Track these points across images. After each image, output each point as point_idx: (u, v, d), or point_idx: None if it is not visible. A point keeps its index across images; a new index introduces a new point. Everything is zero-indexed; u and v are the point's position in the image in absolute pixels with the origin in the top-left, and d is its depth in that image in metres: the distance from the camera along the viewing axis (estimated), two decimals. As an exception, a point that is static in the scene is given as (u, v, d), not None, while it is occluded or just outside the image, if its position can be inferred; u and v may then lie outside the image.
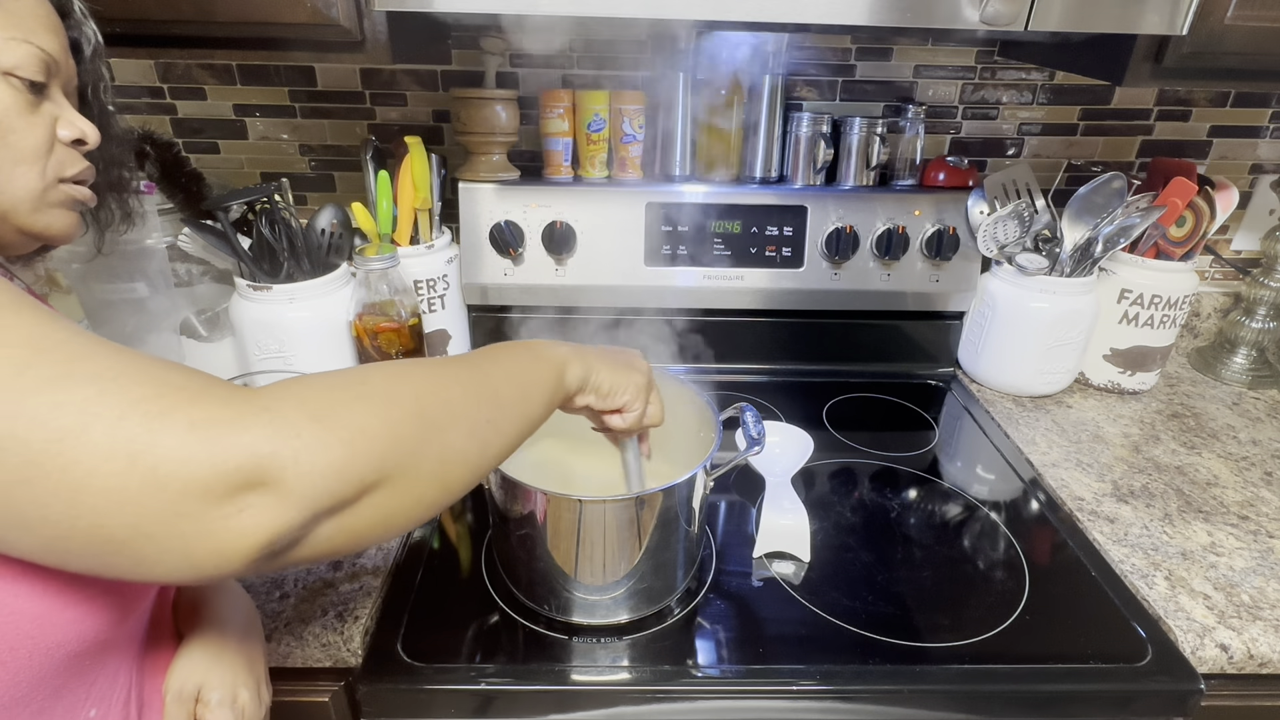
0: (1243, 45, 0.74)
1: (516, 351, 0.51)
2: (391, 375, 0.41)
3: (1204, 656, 0.65)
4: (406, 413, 0.39)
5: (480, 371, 0.46)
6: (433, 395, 0.41)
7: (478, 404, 0.44)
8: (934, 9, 0.69)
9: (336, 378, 0.39)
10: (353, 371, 0.41)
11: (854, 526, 0.82)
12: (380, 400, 0.39)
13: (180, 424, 0.32)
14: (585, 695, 0.63)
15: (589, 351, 0.55)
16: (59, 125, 0.48)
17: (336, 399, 0.37)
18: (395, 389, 0.40)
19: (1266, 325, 1.13)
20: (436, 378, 0.43)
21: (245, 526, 0.33)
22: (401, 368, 0.43)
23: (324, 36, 0.73)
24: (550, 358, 0.52)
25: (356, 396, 0.38)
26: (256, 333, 0.91)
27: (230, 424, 0.33)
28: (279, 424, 0.34)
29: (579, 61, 1.09)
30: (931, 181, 1.09)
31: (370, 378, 0.40)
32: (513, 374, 0.48)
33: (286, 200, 0.93)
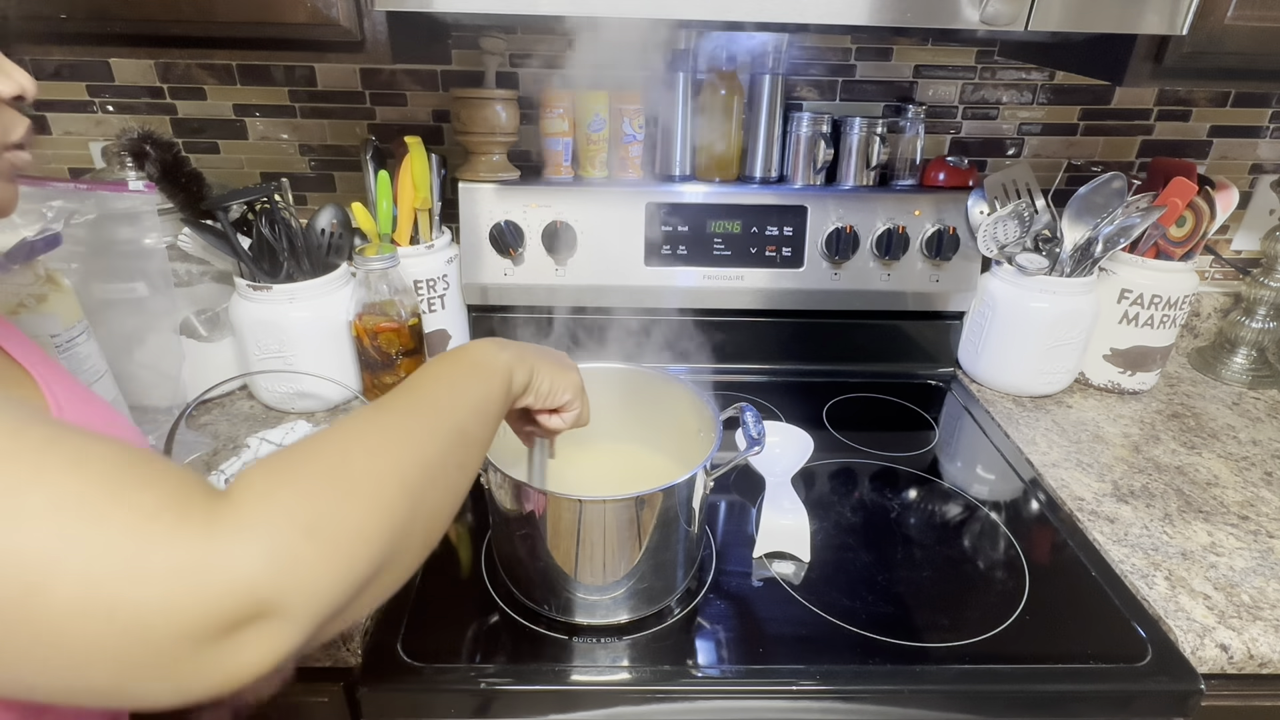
0: (1243, 45, 0.74)
1: (465, 370, 0.49)
2: (372, 451, 0.39)
3: (1204, 656, 0.65)
4: (394, 495, 0.38)
5: (445, 412, 0.45)
6: (413, 462, 0.40)
7: (450, 451, 0.43)
8: (934, 9, 0.69)
9: (319, 467, 0.36)
10: (332, 452, 0.38)
11: (854, 526, 0.82)
12: (369, 490, 0.37)
13: (158, 569, 0.29)
14: (585, 695, 0.63)
15: (527, 350, 0.55)
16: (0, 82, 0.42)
17: (327, 502, 0.35)
18: (379, 468, 0.38)
19: (1266, 325, 1.13)
20: (412, 437, 0.41)
21: (248, 658, 0.31)
22: (378, 435, 0.40)
23: (324, 36, 0.73)
24: (496, 367, 0.51)
25: (346, 494, 0.36)
26: (256, 332, 0.92)
27: (220, 558, 0.30)
28: (274, 548, 0.31)
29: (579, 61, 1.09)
30: (931, 181, 1.09)
31: (353, 460, 0.38)
32: (474, 403, 0.47)
33: (286, 200, 0.93)
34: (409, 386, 0.46)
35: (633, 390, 0.78)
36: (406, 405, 0.44)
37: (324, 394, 0.95)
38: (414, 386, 0.46)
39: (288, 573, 0.31)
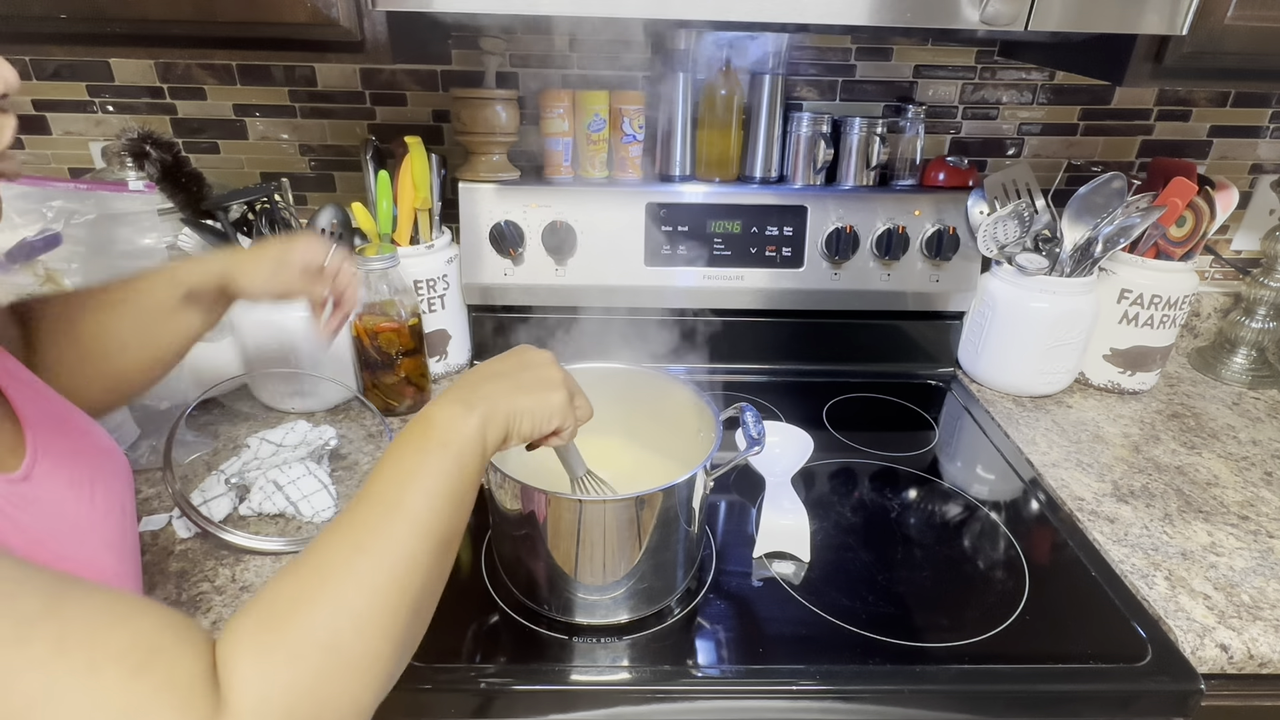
0: (1243, 45, 0.74)
1: (435, 455, 0.45)
2: (360, 618, 0.38)
3: (1204, 656, 0.65)
4: (387, 655, 0.39)
5: (424, 526, 0.43)
6: (400, 607, 0.40)
7: (435, 564, 0.43)
8: (934, 9, 0.69)
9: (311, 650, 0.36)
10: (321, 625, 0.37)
11: (854, 526, 0.82)
12: (360, 658, 0.38)
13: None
14: (585, 695, 0.63)
15: (499, 393, 0.50)
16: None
17: (323, 690, 0.36)
18: (370, 639, 0.38)
19: (1266, 325, 1.13)
20: (397, 580, 0.40)
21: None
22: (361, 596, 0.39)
23: (324, 36, 0.73)
24: (466, 438, 0.46)
25: (339, 670, 0.37)
26: (257, 333, 0.92)
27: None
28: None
29: (579, 61, 1.09)
30: (931, 181, 1.09)
31: (342, 636, 0.37)
32: (449, 494, 0.45)
33: (286, 200, 0.93)
34: (380, 492, 0.43)
35: (633, 390, 0.78)
36: (384, 533, 0.42)
37: (324, 394, 0.95)
38: (385, 492, 0.43)
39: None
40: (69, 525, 0.45)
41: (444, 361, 1.07)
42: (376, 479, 0.44)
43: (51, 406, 0.51)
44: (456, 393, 0.49)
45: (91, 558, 0.46)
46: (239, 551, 0.73)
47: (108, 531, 0.49)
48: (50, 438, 0.48)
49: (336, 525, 0.42)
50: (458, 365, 1.09)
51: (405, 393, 0.96)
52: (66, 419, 0.52)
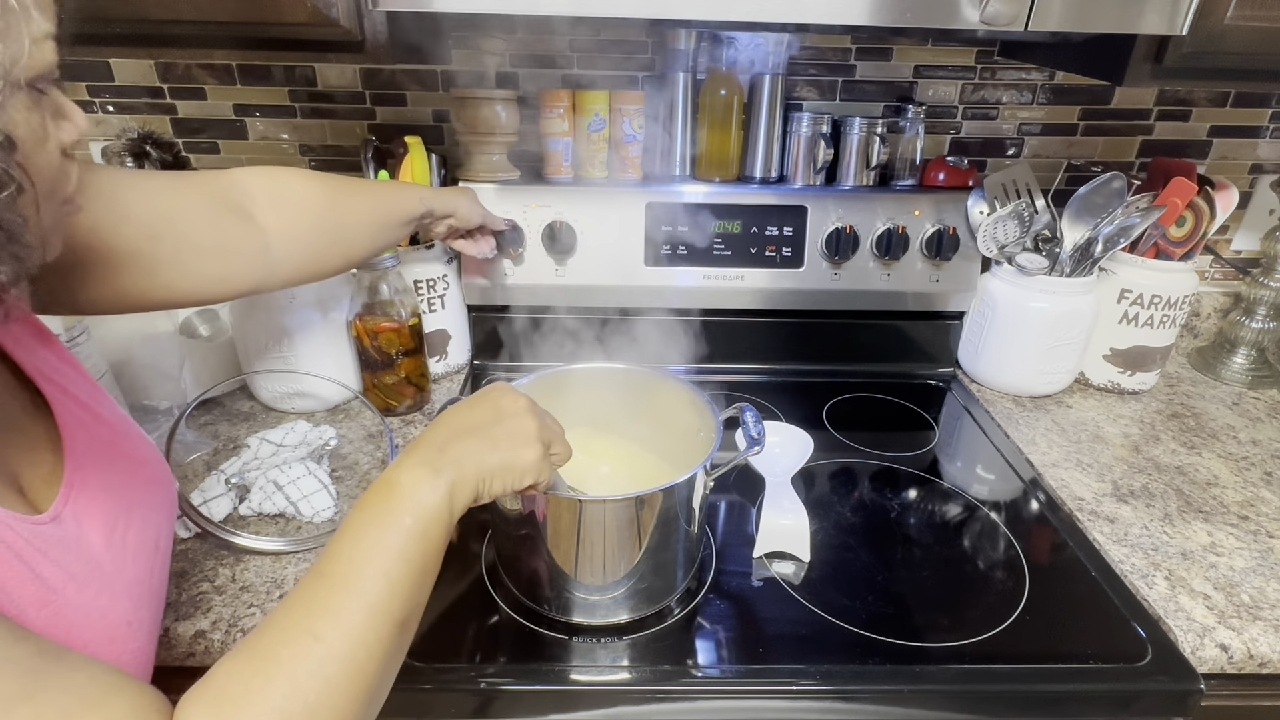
0: (1243, 45, 0.74)
1: (397, 532, 0.44)
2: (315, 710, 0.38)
3: (1204, 656, 0.65)
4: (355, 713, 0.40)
5: (383, 610, 0.42)
6: (356, 690, 0.40)
7: (393, 647, 0.43)
8: (934, 9, 0.69)
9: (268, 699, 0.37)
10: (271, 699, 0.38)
11: (854, 526, 0.82)
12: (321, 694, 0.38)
13: None
14: (585, 695, 0.63)
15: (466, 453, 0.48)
16: (60, 131, 0.39)
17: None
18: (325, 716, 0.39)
19: (1266, 325, 1.13)
20: (353, 667, 0.40)
21: None
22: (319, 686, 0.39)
23: (324, 36, 0.73)
24: (430, 509, 0.45)
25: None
26: (256, 332, 0.92)
27: None
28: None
29: (579, 61, 1.09)
30: (931, 181, 1.09)
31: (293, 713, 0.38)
32: (411, 575, 0.44)
33: (286, 200, 0.93)
34: (343, 580, 0.42)
35: (633, 390, 0.78)
36: (341, 619, 0.41)
37: (324, 394, 0.95)
38: (348, 579, 0.42)
39: None
40: (91, 569, 0.44)
41: (444, 361, 1.07)
42: (335, 555, 0.43)
43: (105, 431, 0.50)
44: (424, 452, 0.47)
45: (109, 605, 0.44)
46: (239, 551, 0.73)
47: (135, 573, 0.48)
48: (92, 468, 0.47)
49: (290, 605, 0.41)
50: (458, 365, 1.09)
51: (405, 393, 0.96)
52: (118, 445, 0.51)
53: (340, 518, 0.78)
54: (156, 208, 0.59)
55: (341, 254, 0.76)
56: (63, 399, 0.48)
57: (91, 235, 0.54)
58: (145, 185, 0.59)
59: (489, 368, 1.12)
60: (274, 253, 0.68)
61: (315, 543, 0.74)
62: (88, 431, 0.48)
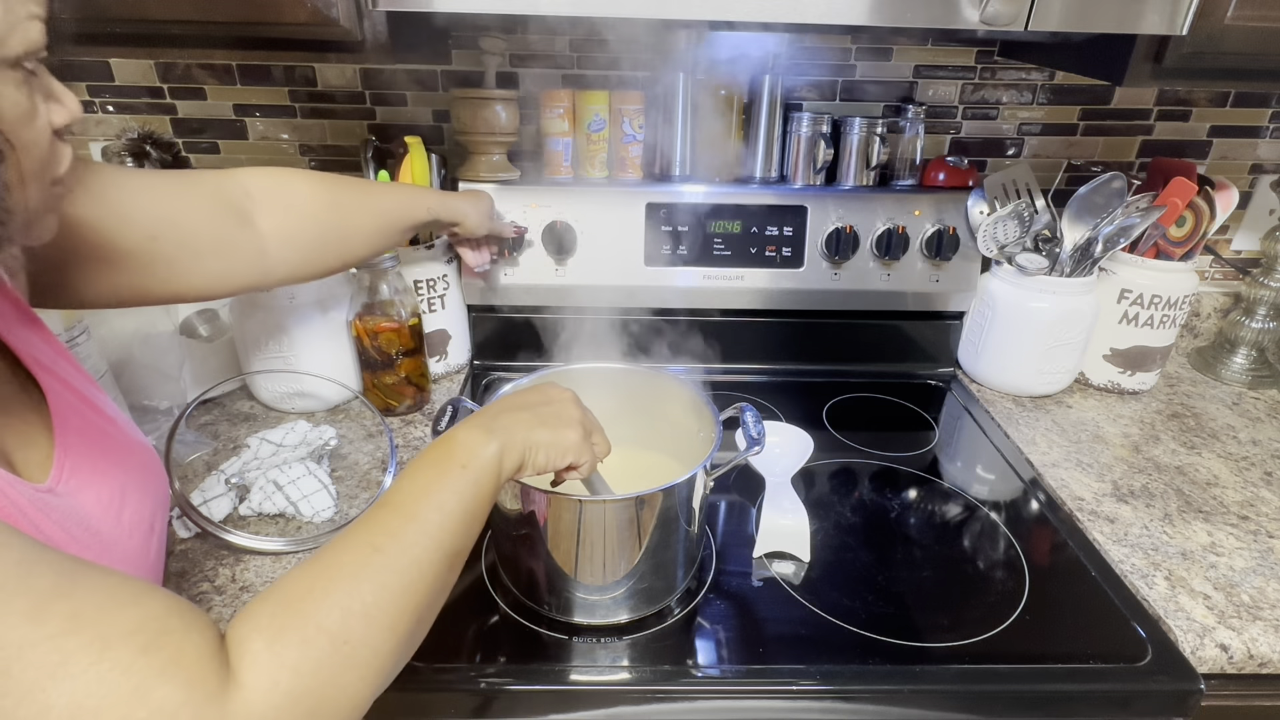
0: (1243, 45, 0.74)
1: (454, 476, 0.48)
2: (369, 614, 0.40)
3: (1204, 656, 0.65)
4: (390, 654, 0.41)
5: (436, 538, 0.45)
6: (407, 610, 0.42)
7: (441, 578, 0.45)
8: (934, 9, 0.69)
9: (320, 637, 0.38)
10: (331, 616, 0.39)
11: (854, 526, 0.82)
12: (367, 660, 0.40)
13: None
14: (585, 695, 0.63)
15: (519, 424, 0.52)
16: (52, 112, 0.40)
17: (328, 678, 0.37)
18: (376, 635, 0.40)
19: (1266, 325, 1.13)
20: (407, 587, 0.42)
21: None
22: (374, 592, 0.41)
23: (324, 36, 0.73)
24: (484, 463, 0.49)
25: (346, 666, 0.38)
26: (256, 332, 0.92)
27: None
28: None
29: (579, 61, 1.09)
30: (931, 181, 1.09)
31: (352, 628, 0.39)
32: (463, 515, 0.47)
33: (286, 200, 0.93)
34: (397, 503, 0.45)
35: (633, 390, 0.78)
36: (401, 542, 0.44)
37: (324, 394, 0.95)
38: (402, 504, 0.45)
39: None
40: (92, 535, 0.45)
41: (444, 361, 1.07)
42: (397, 490, 0.47)
43: (96, 418, 0.51)
44: (480, 419, 0.52)
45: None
46: (239, 551, 0.73)
47: (133, 548, 0.49)
48: (84, 451, 0.48)
49: (354, 527, 0.44)
50: (458, 365, 1.09)
51: (405, 393, 0.96)
52: (108, 431, 0.52)
53: (340, 517, 0.78)
54: (158, 209, 0.60)
55: (339, 256, 0.77)
56: (55, 385, 0.49)
57: (92, 233, 0.55)
58: (148, 186, 0.60)
59: (489, 368, 1.12)
60: (270, 255, 0.69)
61: (315, 543, 0.74)
62: (80, 417, 0.49)
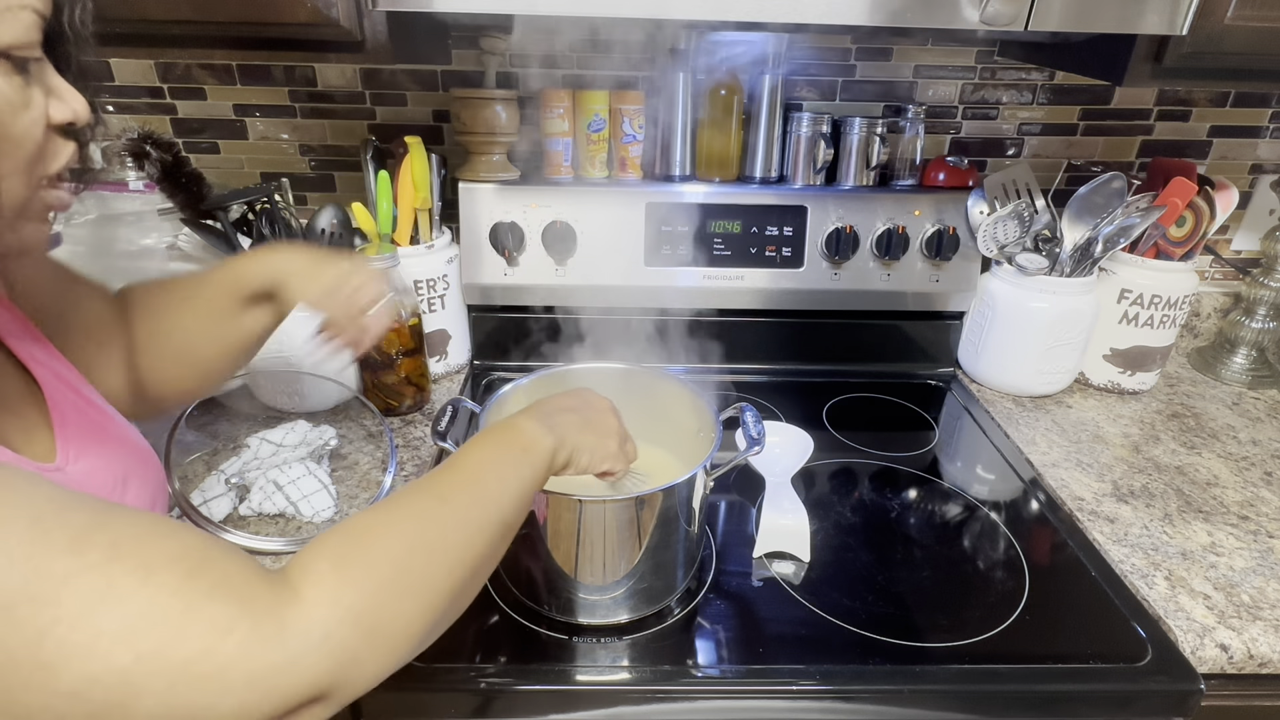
0: (1243, 45, 0.74)
1: (516, 456, 0.51)
2: (432, 551, 0.42)
3: (1204, 656, 0.65)
4: (444, 596, 0.42)
5: (496, 505, 0.47)
6: (464, 564, 0.44)
7: (495, 544, 0.47)
8: (934, 9, 0.69)
9: (383, 563, 0.39)
10: (398, 546, 0.41)
11: (854, 526, 0.82)
12: (424, 595, 0.41)
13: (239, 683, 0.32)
14: (585, 695, 0.63)
15: (570, 427, 0.55)
16: (50, 106, 0.40)
17: (387, 605, 0.38)
18: (435, 573, 0.42)
19: (1266, 325, 1.13)
20: (467, 538, 0.44)
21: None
22: (439, 533, 0.43)
23: (324, 36, 0.73)
24: (541, 453, 0.52)
25: (404, 595, 0.40)
26: (256, 333, 0.91)
27: (291, 668, 0.34)
28: (338, 652, 0.35)
29: (579, 61, 1.09)
30: (931, 181, 1.09)
31: (414, 561, 0.41)
32: (519, 492, 0.49)
33: (286, 200, 0.93)
34: (462, 468, 0.48)
35: (633, 390, 0.78)
36: (464, 497, 0.46)
37: (324, 394, 0.95)
38: (468, 470, 0.48)
39: (348, 669, 0.36)
40: None
41: (444, 361, 1.07)
42: (462, 457, 0.49)
43: (94, 414, 0.52)
44: (537, 414, 0.54)
45: None
46: (239, 551, 0.73)
47: None
48: (85, 440, 0.49)
49: (420, 482, 0.46)
50: (458, 365, 1.09)
51: (405, 393, 0.96)
52: (105, 426, 0.53)
53: (340, 517, 0.78)
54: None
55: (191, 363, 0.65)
56: (53, 382, 0.50)
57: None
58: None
59: (489, 368, 1.12)
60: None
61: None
62: (78, 413, 0.50)
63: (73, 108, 0.42)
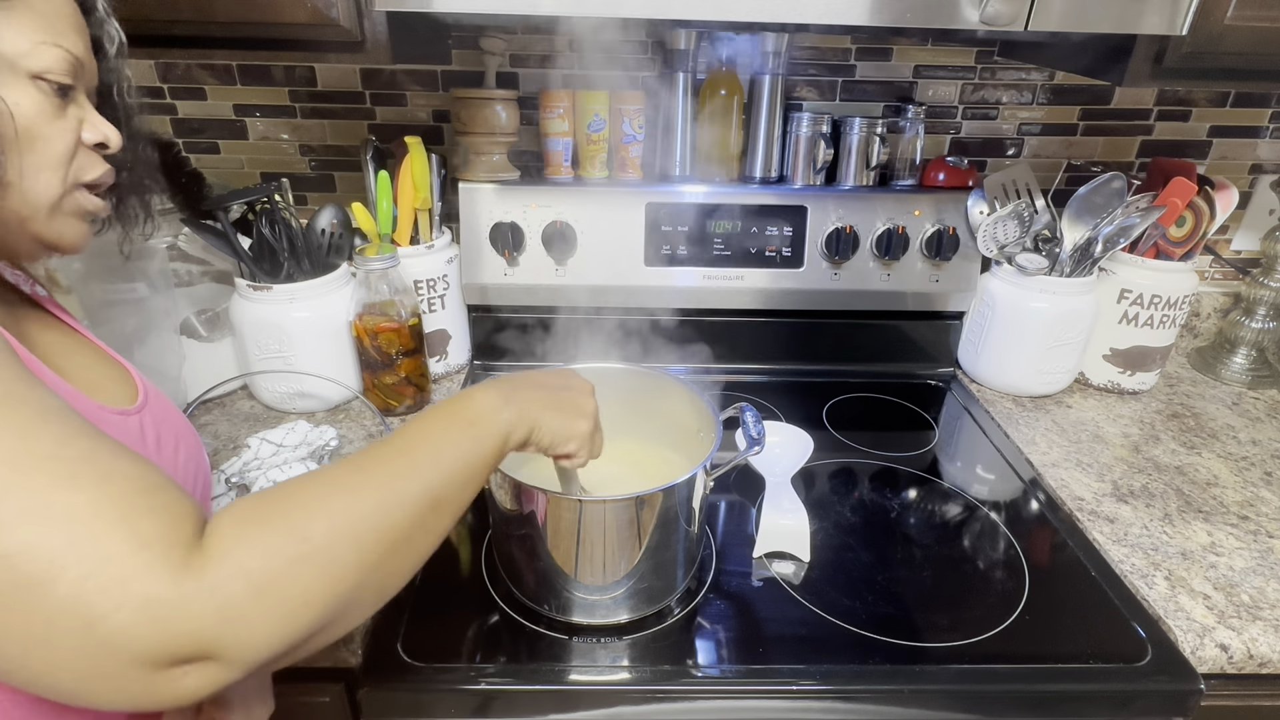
0: (1243, 45, 0.74)
1: (460, 428, 0.48)
2: (335, 517, 0.40)
3: (1204, 656, 0.65)
4: (347, 564, 0.40)
5: (422, 476, 0.45)
6: (373, 531, 0.41)
7: (419, 518, 0.44)
8: (934, 9, 0.69)
9: (284, 527, 0.39)
10: (300, 511, 0.40)
11: (854, 526, 0.82)
12: (322, 559, 0.39)
13: (136, 599, 0.33)
14: (585, 695, 0.63)
15: (533, 402, 0.53)
16: (84, 128, 0.48)
17: (280, 567, 0.38)
18: (337, 537, 0.40)
19: (1266, 325, 1.13)
20: (380, 505, 0.42)
21: (186, 687, 0.35)
22: (346, 499, 0.42)
23: (324, 36, 0.73)
24: (493, 427, 0.50)
25: (300, 559, 0.38)
26: (256, 333, 0.92)
27: (179, 606, 0.34)
28: (224, 607, 0.35)
29: (579, 61, 1.09)
30: (931, 181, 1.09)
31: (315, 525, 0.40)
32: (456, 466, 0.47)
33: (286, 200, 0.93)
34: (396, 440, 0.46)
35: (633, 390, 0.78)
36: (385, 467, 0.44)
37: (324, 394, 0.95)
38: (401, 442, 0.46)
39: (232, 626, 0.35)
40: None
41: (444, 361, 1.07)
42: (403, 429, 0.48)
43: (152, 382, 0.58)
44: (500, 386, 0.52)
45: None
46: (239, 551, 0.73)
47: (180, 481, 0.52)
48: (155, 398, 0.55)
49: (351, 454, 0.46)
50: (458, 365, 1.09)
51: (405, 393, 0.96)
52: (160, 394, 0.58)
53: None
54: None
55: None
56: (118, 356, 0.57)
57: None
58: None
59: (489, 368, 1.12)
60: None
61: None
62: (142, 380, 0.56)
63: (103, 132, 0.49)
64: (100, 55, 0.51)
